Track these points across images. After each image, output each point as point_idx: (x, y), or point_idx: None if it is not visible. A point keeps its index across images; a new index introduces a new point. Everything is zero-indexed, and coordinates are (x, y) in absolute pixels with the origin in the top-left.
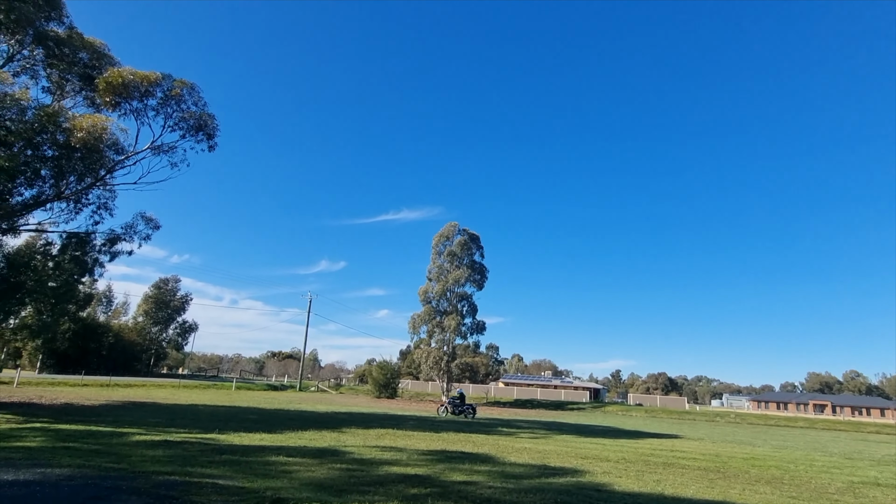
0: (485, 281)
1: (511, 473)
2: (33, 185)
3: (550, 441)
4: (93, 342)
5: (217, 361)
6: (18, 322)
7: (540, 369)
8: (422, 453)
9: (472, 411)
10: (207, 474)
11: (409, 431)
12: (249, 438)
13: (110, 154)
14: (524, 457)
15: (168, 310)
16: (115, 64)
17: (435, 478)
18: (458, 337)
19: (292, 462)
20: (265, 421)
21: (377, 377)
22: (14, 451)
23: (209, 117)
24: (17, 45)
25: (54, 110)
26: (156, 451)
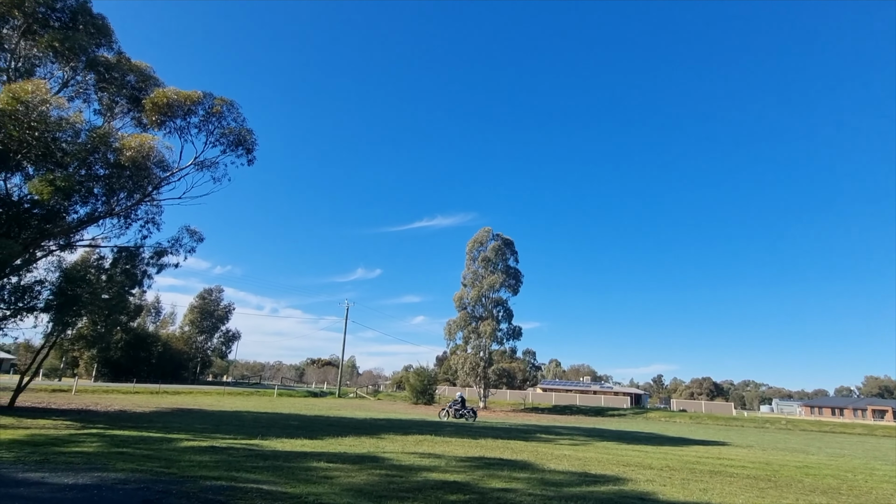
0: (520, 286)
1: (551, 481)
2: (87, 203)
3: (591, 448)
4: (143, 351)
5: (259, 369)
6: (75, 333)
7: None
8: (460, 460)
9: (473, 414)
10: (252, 479)
11: (447, 438)
12: (291, 444)
13: (157, 171)
14: (564, 464)
15: (212, 319)
16: (159, 85)
17: (473, 485)
18: (494, 342)
19: (333, 468)
20: (306, 427)
21: (414, 383)
22: (73, 455)
23: (248, 132)
24: (72, 72)
25: (105, 131)
26: (203, 457)
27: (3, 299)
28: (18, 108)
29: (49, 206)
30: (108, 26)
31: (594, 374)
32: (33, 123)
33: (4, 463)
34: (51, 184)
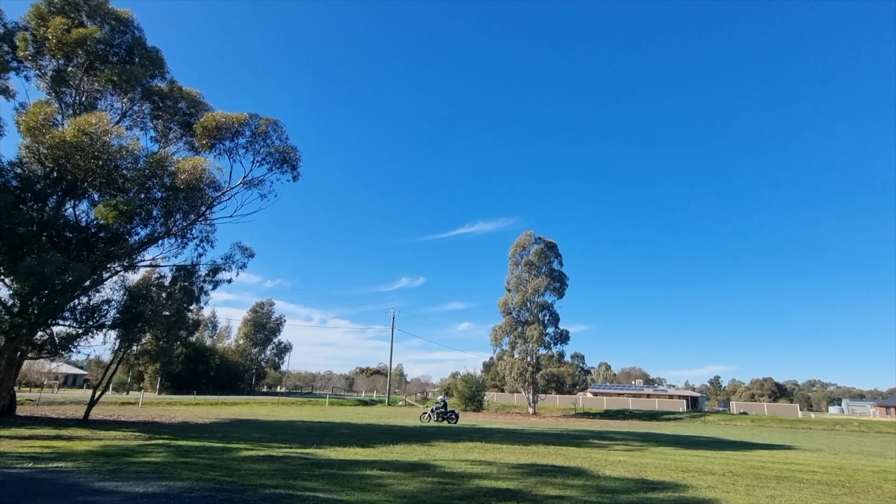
0: (565, 289)
1: (606, 488)
2: (147, 225)
3: (647, 453)
4: (202, 364)
5: (311, 379)
6: (140, 348)
7: (630, 378)
8: (512, 467)
9: (455, 417)
10: (308, 487)
11: (497, 444)
12: (344, 453)
13: (209, 191)
14: (619, 470)
15: (265, 332)
16: (208, 109)
17: (527, 492)
18: (542, 347)
19: (386, 476)
20: (358, 435)
21: (462, 390)
22: (142, 465)
23: (292, 150)
24: (129, 103)
25: (161, 156)
26: (261, 466)
27: (75, 318)
28: (84, 140)
29: (113, 229)
30: (161, 58)
31: (646, 376)
32: (97, 153)
33: (82, 472)
34: (114, 208)
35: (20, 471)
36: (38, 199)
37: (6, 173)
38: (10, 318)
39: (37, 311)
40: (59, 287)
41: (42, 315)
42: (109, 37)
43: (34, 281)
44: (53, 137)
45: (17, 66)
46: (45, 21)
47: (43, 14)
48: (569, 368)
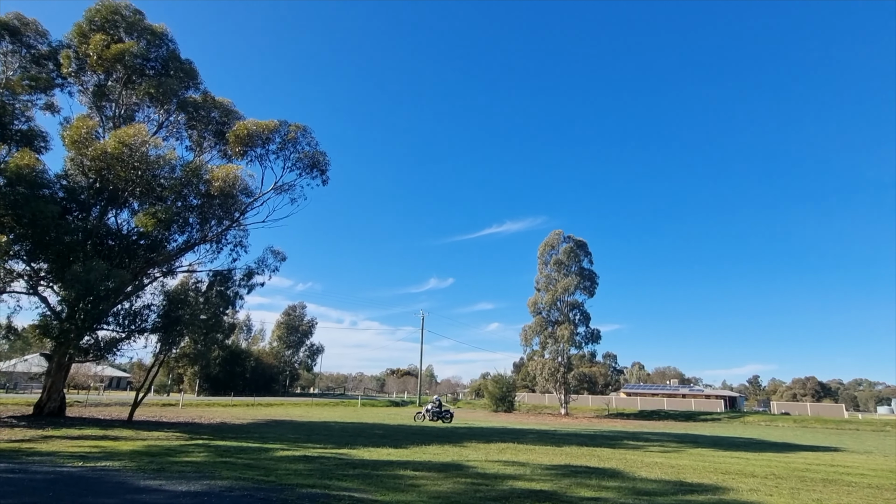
0: (595, 288)
1: (643, 490)
2: (184, 232)
3: (684, 455)
4: (238, 366)
5: (343, 380)
6: (179, 351)
7: (664, 378)
8: (545, 468)
9: (450, 416)
10: (343, 487)
11: (530, 445)
12: (378, 453)
13: (242, 197)
14: (656, 472)
15: (297, 334)
16: (239, 117)
17: (561, 493)
18: (573, 347)
19: (419, 476)
20: (390, 436)
21: (493, 391)
22: (184, 465)
23: (321, 155)
24: (165, 114)
25: (196, 165)
26: (297, 465)
27: (119, 323)
28: (124, 151)
29: (152, 236)
30: (194, 69)
31: (681, 376)
32: (137, 163)
33: (128, 471)
34: (153, 216)
35: (71, 469)
36: (83, 209)
37: (53, 185)
38: (58, 323)
39: (83, 316)
40: (102, 293)
41: (88, 320)
42: (146, 51)
43: (80, 288)
44: (96, 150)
45: (62, 83)
46: (87, 38)
47: (84, 32)
48: (601, 368)
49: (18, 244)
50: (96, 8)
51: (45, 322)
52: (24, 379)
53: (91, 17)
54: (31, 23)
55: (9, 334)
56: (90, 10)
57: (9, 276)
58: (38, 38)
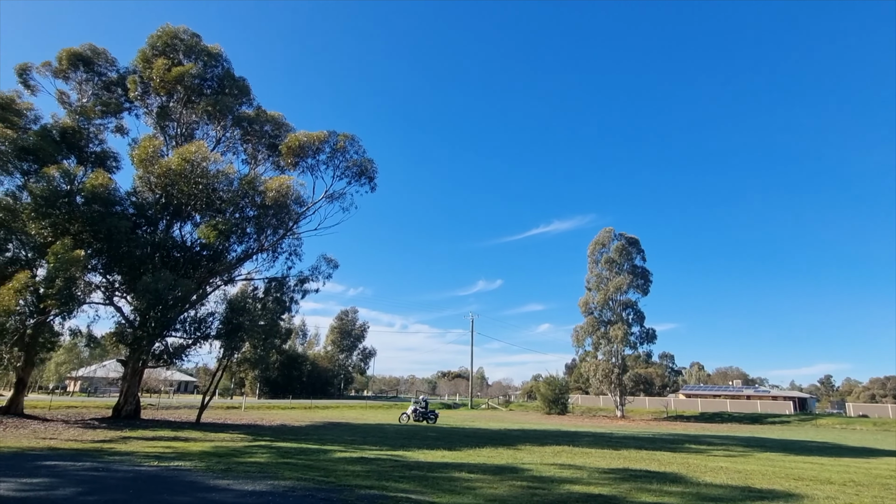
0: (649, 286)
1: (708, 495)
2: (242, 242)
3: (751, 459)
4: (295, 370)
5: (395, 383)
6: (241, 356)
7: (726, 378)
8: (603, 471)
9: (434, 417)
10: (401, 489)
11: (585, 448)
12: (432, 455)
13: (294, 207)
14: (721, 477)
15: (350, 338)
16: (290, 129)
17: (621, 498)
18: (627, 347)
19: (474, 478)
20: (444, 438)
21: (545, 393)
22: (249, 465)
23: (369, 162)
24: (222, 130)
25: (251, 177)
26: (355, 467)
27: (185, 330)
28: (186, 167)
29: (214, 247)
30: (247, 86)
31: (745, 377)
32: (198, 178)
33: (198, 471)
34: (214, 228)
35: (148, 468)
36: (151, 224)
37: (124, 202)
38: (132, 331)
39: (154, 324)
40: (170, 302)
41: (158, 327)
42: (203, 71)
43: (150, 297)
44: (161, 167)
45: (129, 106)
46: (150, 63)
47: (147, 57)
48: (657, 369)
49: (95, 258)
50: (157, 34)
51: (121, 330)
52: (103, 383)
53: (153, 42)
54: (102, 52)
55: (89, 342)
56: (152, 37)
57: (88, 287)
58: (108, 66)
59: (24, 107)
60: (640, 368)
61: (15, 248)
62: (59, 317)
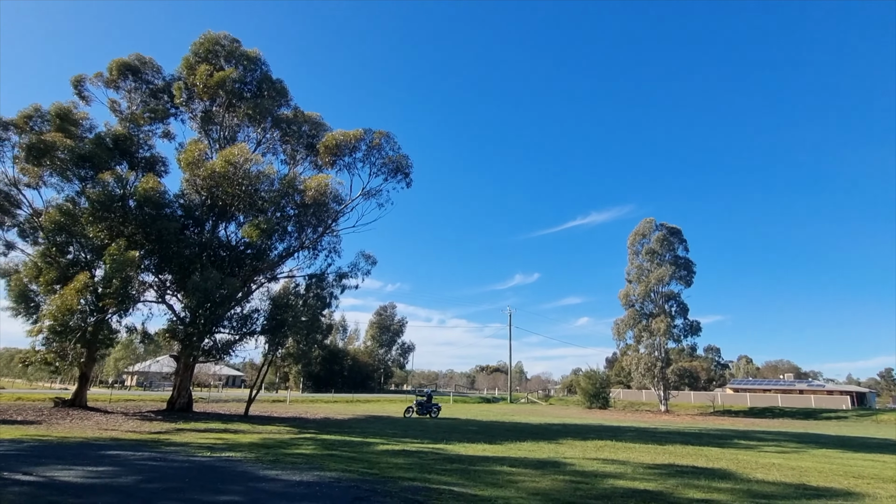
0: (692, 277)
1: (760, 492)
2: (283, 240)
3: (805, 456)
4: (336, 365)
5: (434, 377)
6: (284, 351)
7: (777, 372)
8: (648, 467)
9: (437, 410)
10: (443, 481)
11: (629, 443)
12: (473, 449)
13: (333, 205)
14: (774, 474)
15: (389, 333)
16: (327, 129)
17: (668, 494)
18: (670, 340)
19: (516, 472)
20: (484, 432)
21: (586, 387)
22: (296, 456)
23: (404, 158)
24: (262, 132)
25: (291, 177)
26: (398, 459)
27: (233, 326)
28: (230, 169)
29: (257, 245)
30: (285, 88)
31: (797, 370)
32: (240, 179)
33: (248, 461)
34: (257, 227)
35: (202, 459)
36: (197, 224)
37: (173, 204)
38: (183, 328)
39: (203, 321)
40: (218, 300)
41: (207, 324)
42: (243, 76)
43: (199, 295)
44: (206, 169)
45: (175, 112)
46: (193, 70)
47: (191, 64)
48: (703, 363)
49: (148, 259)
50: (200, 41)
51: (173, 327)
52: (157, 378)
53: (196, 49)
54: (149, 61)
55: (144, 338)
56: (195, 44)
57: (142, 287)
58: (154, 74)
59: (80, 116)
60: (684, 362)
61: (75, 250)
62: (117, 315)
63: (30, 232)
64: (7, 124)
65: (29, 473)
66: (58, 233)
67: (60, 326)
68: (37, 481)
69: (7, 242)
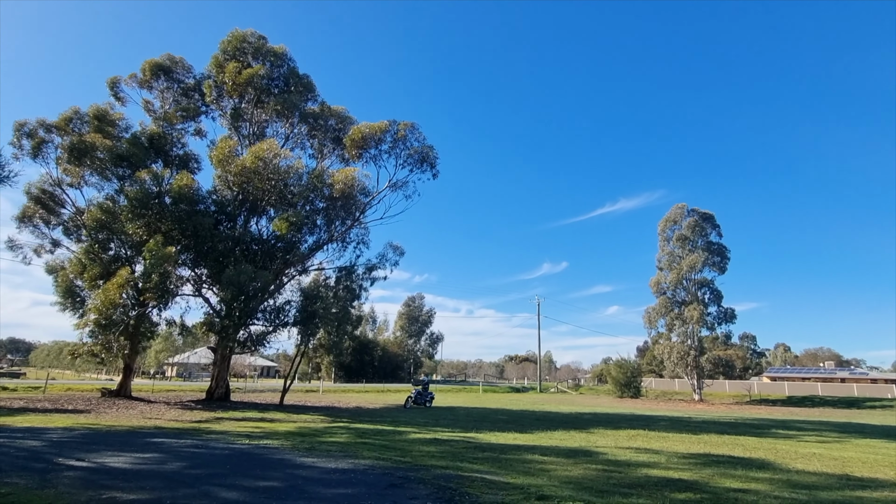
0: (726, 263)
1: (801, 483)
2: (313, 233)
3: (848, 446)
4: (366, 355)
5: (463, 367)
6: (316, 342)
7: (816, 360)
8: (682, 456)
9: (431, 399)
10: (475, 469)
11: (662, 433)
12: (504, 437)
13: (360, 197)
14: (815, 464)
15: (418, 324)
16: (353, 122)
17: (703, 483)
18: (704, 328)
19: (547, 461)
20: (514, 421)
21: (616, 376)
22: (331, 444)
23: (429, 149)
24: (290, 127)
25: (319, 171)
26: (429, 448)
27: (266, 318)
28: (259, 165)
29: (287, 239)
30: (311, 83)
31: (838, 358)
32: (270, 174)
33: (285, 449)
34: (286, 220)
35: (241, 446)
36: (230, 219)
37: (206, 200)
38: (219, 320)
39: (238, 313)
40: (251, 292)
41: (242, 316)
42: (270, 72)
43: (233, 289)
44: (237, 165)
45: (206, 110)
46: (222, 68)
47: (220, 62)
48: (738, 351)
49: (184, 254)
50: (228, 39)
51: (209, 319)
52: (196, 369)
53: (224, 47)
54: (179, 60)
55: (182, 331)
56: (223, 42)
57: (179, 281)
58: (185, 73)
59: (116, 117)
60: (718, 350)
61: (116, 246)
62: (156, 308)
63: (73, 230)
64: (50, 127)
65: (82, 459)
66: (99, 230)
67: (105, 320)
68: (89, 467)
69: (53, 240)
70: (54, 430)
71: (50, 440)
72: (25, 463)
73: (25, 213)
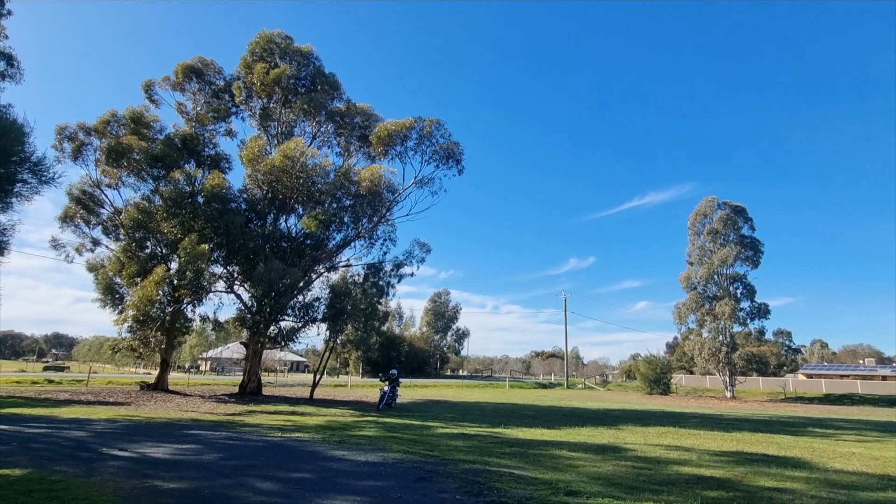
0: (759, 257)
1: (838, 482)
2: (340, 230)
3: (889, 445)
4: (393, 351)
5: (489, 363)
6: (344, 337)
7: (855, 357)
8: (714, 454)
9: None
10: (503, 464)
11: (693, 430)
12: (531, 433)
13: (386, 194)
14: (854, 464)
15: (444, 319)
16: (378, 120)
17: (736, 481)
18: (736, 324)
19: (576, 457)
20: (541, 417)
21: (645, 372)
22: (360, 438)
23: (455, 145)
24: (317, 125)
25: (346, 168)
26: (457, 442)
27: (296, 314)
28: (288, 163)
29: (315, 236)
30: (337, 81)
31: (879, 355)
32: (298, 173)
33: (316, 442)
34: (315, 218)
35: (273, 439)
36: (260, 217)
37: (237, 199)
38: (251, 316)
39: (268, 309)
40: (281, 289)
41: (272, 312)
42: (297, 71)
43: (264, 286)
44: (266, 164)
45: (235, 111)
46: (251, 69)
47: (248, 63)
48: (772, 347)
49: (217, 251)
50: (256, 40)
51: (241, 315)
52: (228, 363)
53: (252, 49)
54: (210, 63)
55: (215, 326)
56: (251, 43)
57: (212, 278)
58: (216, 75)
59: (151, 119)
60: (751, 346)
61: (152, 245)
62: (191, 304)
63: (112, 229)
64: (89, 130)
65: (124, 450)
66: (136, 229)
67: (142, 316)
68: (131, 457)
69: (93, 239)
70: (98, 422)
71: (94, 431)
72: (73, 452)
73: (67, 214)
